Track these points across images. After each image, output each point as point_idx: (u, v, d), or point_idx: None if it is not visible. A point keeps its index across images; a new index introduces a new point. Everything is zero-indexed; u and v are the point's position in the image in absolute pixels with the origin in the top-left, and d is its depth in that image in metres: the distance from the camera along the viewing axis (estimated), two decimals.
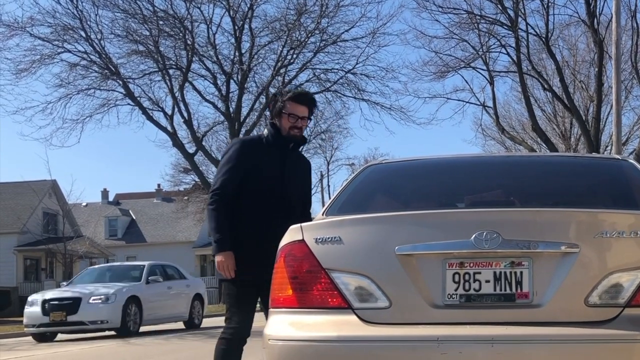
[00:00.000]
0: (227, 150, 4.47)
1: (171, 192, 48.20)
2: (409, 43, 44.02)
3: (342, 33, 27.53)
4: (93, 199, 55.75)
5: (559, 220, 2.93)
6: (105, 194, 57.72)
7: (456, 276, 2.88)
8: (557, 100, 30.44)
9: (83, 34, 25.75)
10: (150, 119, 27.40)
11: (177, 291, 17.19)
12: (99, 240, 45.72)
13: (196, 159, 30.09)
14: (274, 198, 4.26)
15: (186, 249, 49.49)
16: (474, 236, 2.85)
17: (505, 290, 2.85)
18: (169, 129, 28.04)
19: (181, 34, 26.83)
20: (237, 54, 27.95)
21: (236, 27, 27.75)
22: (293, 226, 3.15)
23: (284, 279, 3.06)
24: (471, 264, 2.88)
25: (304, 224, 3.14)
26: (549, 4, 25.53)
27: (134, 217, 53.60)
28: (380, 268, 2.93)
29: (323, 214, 3.41)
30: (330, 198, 4.06)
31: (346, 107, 35.18)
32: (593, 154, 9.60)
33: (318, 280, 2.99)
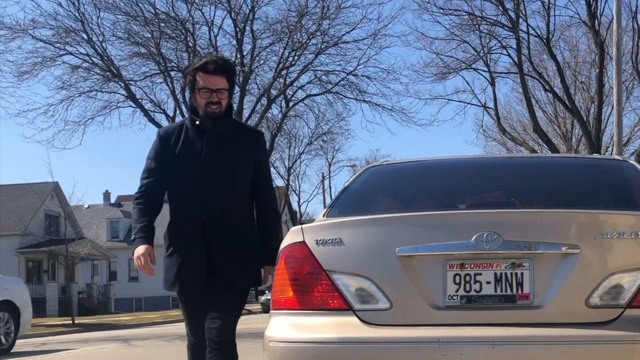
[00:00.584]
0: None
1: None
2: (410, 44, 43.96)
3: (344, 35, 27.49)
4: (95, 200, 55.96)
5: (560, 221, 2.93)
6: (107, 195, 57.82)
7: (457, 277, 2.88)
8: (558, 101, 30.41)
9: (85, 36, 25.72)
10: (152, 120, 27.35)
11: None
12: (100, 242, 45.78)
13: None
14: (203, 192, 3.70)
15: None
16: (474, 237, 2.85)
17: (506, 292, 2.85)
18: None
19: (183, 36, 26.80)
20: (238, 55, 27.92)
21: (237, 29, 27.74)
22: (294, 228, 3.16)
23: (285, 281, 3.06)
24: (472, 265, 2.88)
25: (304, 225, 3.14)
26: (550, 5, 25.57)
27: None
28: (381, 269, 2.93)
29: (324, 216, 3.42)
30: (331, 199, 4.05)
31: (347, 109, 35.18)
32: (594, 155, 9.60)
33: (319, 281, 2.98)
